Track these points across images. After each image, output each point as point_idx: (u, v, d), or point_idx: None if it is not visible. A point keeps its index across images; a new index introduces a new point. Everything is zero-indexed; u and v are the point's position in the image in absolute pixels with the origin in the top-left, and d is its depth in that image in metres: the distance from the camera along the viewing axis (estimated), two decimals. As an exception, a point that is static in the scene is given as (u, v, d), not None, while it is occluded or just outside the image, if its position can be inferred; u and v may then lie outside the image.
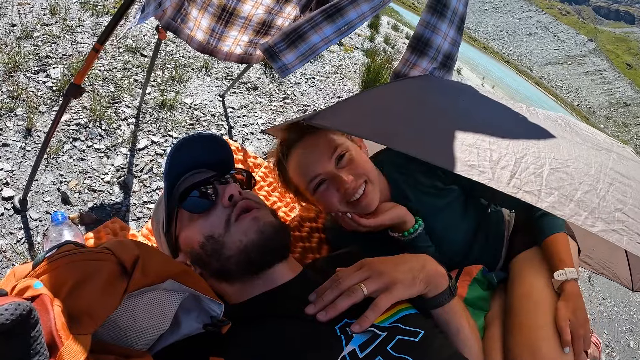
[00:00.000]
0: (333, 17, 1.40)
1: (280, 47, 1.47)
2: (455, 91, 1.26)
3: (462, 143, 0.79)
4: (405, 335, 0.69)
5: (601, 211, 0.73)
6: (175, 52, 3.25)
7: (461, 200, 1.20)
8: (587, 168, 0.84)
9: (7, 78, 2.19)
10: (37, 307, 0.44)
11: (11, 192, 1.69)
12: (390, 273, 0.75)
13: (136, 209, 1.88)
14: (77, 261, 0.55)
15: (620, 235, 0.70)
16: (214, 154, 0.90)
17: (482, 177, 0.72)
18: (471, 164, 0.74)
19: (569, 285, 0.98)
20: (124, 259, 0.57)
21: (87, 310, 0.50)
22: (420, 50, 1.46)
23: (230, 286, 0.80)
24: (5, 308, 0.39)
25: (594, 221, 0.70)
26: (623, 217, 0.74)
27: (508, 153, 0.79)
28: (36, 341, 0.42)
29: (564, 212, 0.69)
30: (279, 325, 0.71)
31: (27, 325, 0.41)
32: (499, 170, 0.74)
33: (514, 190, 0.71)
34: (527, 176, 0.74)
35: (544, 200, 0.71)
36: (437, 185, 1.16)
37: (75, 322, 0.47)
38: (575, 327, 0.91)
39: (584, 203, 0.73)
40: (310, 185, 1.05)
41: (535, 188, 0.72)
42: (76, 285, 0.51)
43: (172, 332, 0.66)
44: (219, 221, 0.78)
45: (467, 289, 1.10)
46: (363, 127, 0.94)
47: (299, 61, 1.47)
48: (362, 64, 5.20)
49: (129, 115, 2.38)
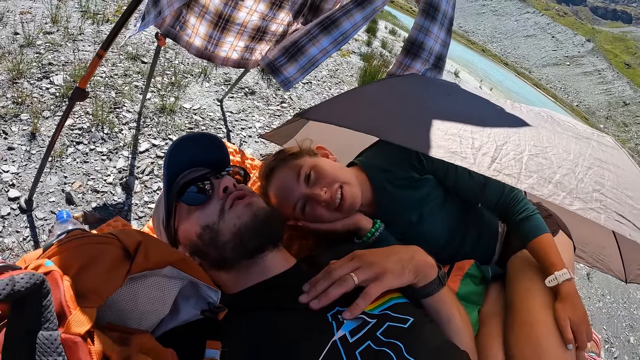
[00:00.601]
0: (329, 29, 1.46)
1: (281, 61, 1.53)
2: (441, 88, 1.32)
3: (445, 133, 0.84)
4: (395, 322, 0.72)
5: (579, 192, 0.78)
6: (175, 58, 3.32)
7: (440, 190, 1.22)
8: (566, 154, 0.89)
9: (12, 84, 2.26)
10: (48, 280, 0.48)
11: (17, 192, 1.76)
12: (380, 263, 0.79)
13: (138, 208, 1.94)
14: (85, 244, 0.60)
15: (597, 213, 0.74)
16: (211, 152, 0.94)
17: (465, 162, 0.77)
18: (454, 151, 0.79)
19: (564, 286, 0.97)
20: (128, 244, 0.62)
21: (93, 288, 0.54)
22: (414, 53, 1.51)
23: (227, 275, 0.83)
24: (21, 277, 0.43)
25: (572, 200, 0.75)
26: (601, 197, 0.79)
27: (489, 141, 0.84)
28: (47, 310, 0.45)
29: (542, 192, 0.74)
30: (273, 314, 0.73)
31: (40, 294, 0.45)
32: (480, 156, 0.79)
33: (494, 173, 0.76)
34: (508, 161, 0.79)
35: (524, 182, 0.76)
36: (413, 176, 1.18)
37: (82, 298, 0.51)
38: (576, 324, 0.91)
39: (562, 184, 0.77)
40: (296, 211, 1.10)
41: (515, 171, 0.77)
42: (84, 266, 0.55)
43: (171, 318, 0.69)
44: (214, 211, 0.81)
45: (459, 283, 1.11)
46: (353, 120, 0.99)
47: (300, 74, 1.54)
48: (359, 68, 5.28)
49: (130, 120, 2.44)
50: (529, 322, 0.96)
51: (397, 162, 1.18)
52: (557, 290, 0.98)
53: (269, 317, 0.73)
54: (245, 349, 0.68)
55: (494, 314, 1.07)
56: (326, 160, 1.16)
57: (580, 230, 1.53)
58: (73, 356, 0.45)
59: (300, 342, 0.67)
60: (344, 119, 0.98)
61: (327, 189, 1.06)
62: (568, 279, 0.97)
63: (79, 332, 0.46)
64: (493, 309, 1.09)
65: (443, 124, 0.87)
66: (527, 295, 1.02)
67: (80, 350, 0.45)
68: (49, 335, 0.44)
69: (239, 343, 0.68)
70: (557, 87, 77.22)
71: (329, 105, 1.06)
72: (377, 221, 1.13)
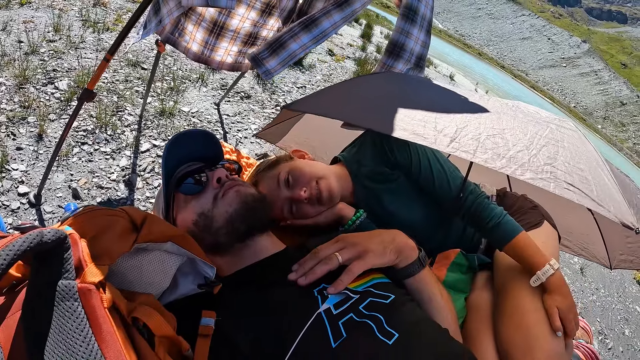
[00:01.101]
0: (309, 27, 1.58)
1: (264, 54, 1.65)
2: (413, 82, 1.41)
3: (412, 119, 0.92)
4: (377, 297, 0.77)
5: (531, 165, 0.84)
6: (173, 64, 3.44)
7: (414, 183, 1.25)
8: (522, 135, 0.95)
9: (18, 89, 2.38)
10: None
11: (26, 188, 1.87)
12: (363, 243, 0.84)
13: (140, 203, 2.05)
14: (98, 216, 0.68)
15: (547, 182, 0.80)
16: (206, 148, 1.02)
17: (426, 141, 0.84)
18: (417, 133, 0.86)
19: (550, 280, 0.97)
20: (135, 218, 0.70)
21: (106, 250, 0.61)
22: (396, 54, 1.62)
23: (221, 258, 0.87)
24: (48, 231, 0.51)
25: (524, 172, 0.81)
26: (552, 169, 0.85)
27: (451, 124, 0.91)
28: (67, 262, 0.52)
29: (495, 165, 0.81)
30: (263, 289, 0.79)
31: (62, 247, 0.52)
32: (441, 137, 0.86)
33: (452, 150, 0.83)
34: (466, 141, 0.86)
35: (478, 157, 0.82)
36: (385, 171, 1.23)
37: (96, 259, 0.57)
38: (564, 313, 0.92)
39: (515, 159, 0.84)
40: (285, 214, 1.17)
41: (471, 149, 0.84)
42: (97, 233, 0.64)
43: (171, 292, 0.75)
44: (208, 199, 0.88)
45: (446, 272, 1.13)
46: (332, 109, 1.08)
47: (280, 66, 1.65)
48: (353, 73, 5.38)
49: (131, 122, 2.56)
50: (519, 311, 0.96)
51: (372, 157, 1.24)
52: (544, 285, 0.98)
53: (260, 292, 0.79)
54: (237, 319, 0.74)
55: (482, 301, 1.08)
56: (302, 161, 1.23)
57: (565, 219, 1.59)
58: (87, 302, 0.51)
59: (288, 313, 0.73)
60: (324, 109, 1.08)
61: (305, 187, 1.13)
62: (552, 274, 0.97)
63: (93, 281, 0.53)
64: (481, 297, 1.10)
65: (411, 111, 0.95)
66: (515, 283, 1.02)
67: (94, 297, 0.52)
68: (68, 284, 0.50)
69: (232, 314, 0.74)
70: (554, 88, 77.26)
71: (313, 97, 1.16)
72: (360, 210, 1.19)
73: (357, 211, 1.18)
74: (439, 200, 1.22)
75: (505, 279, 1.07)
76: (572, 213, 1.69)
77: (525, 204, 1.40)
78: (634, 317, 4.22)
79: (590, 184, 0.89)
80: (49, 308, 0.49)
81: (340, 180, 1.22)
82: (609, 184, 0.96)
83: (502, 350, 0.94)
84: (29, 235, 0.49)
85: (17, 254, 0.47)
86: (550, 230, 1.30)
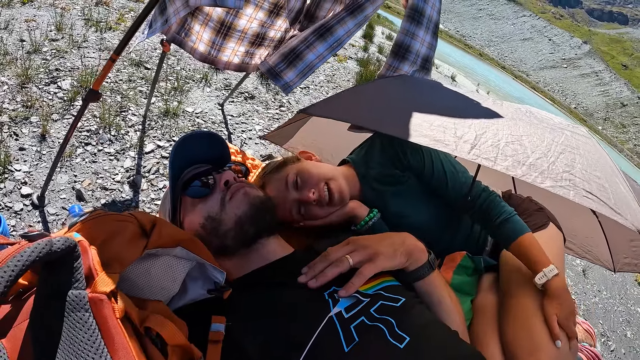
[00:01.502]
0: (324, 36, 1.57)
1: (281, 67, 1.63)
2: (427, 86, 1.40)
3: (431, 124, 0.92)
4: (387, 301, 0.76)
5: (550, 172, 0.85)
6: (177, 64, 3.42)
7: (424, 186, 1.25)
8: (539, 142, 0.96)
9: (21, 89, 2.36)
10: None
11: (29, 190, 1.85)
12: (373, 246, 0.84)
13: (145, 205, 2.04)
14: (107, 221, 0.67)
15: (567, 190, 0.81)
16: (213, 149, 1.01)
17: (447, 148, 0.85)
18: (437, 139, 0.87)
19: (551, 283, 0.97)
20: (144, 222, 0.69)
21: (116, 257, 0.60)
22: (402, 56, 1.61)
23: (229, 261, 0.87)
24: (58, 239, 0.48)
25: (544, 179, 0.82)
26: (570, 177, 0.86)
27: (470, 130, 0.91)
28: (77, 271, 0.50)
29: (516, 172, 0.81)
30: (273, 292, 0.79)
31: (72, 256, 0.50)
32: (461, 143, 0.87)
33: (473, 157, 0.83)
34: (486, 147, 0.87)
35: (499, 164, 0.83)
36: (396, 173, 1.22)
37: (106, 266, 0.55)
38: (563, 319, 0.93)
39: (535, 166, 0.85)
40: (295, 217, 1.16)
41: (492, 155, 0.85)
42: (107, 239, 0.62)
43: (180, 297, 0.73)
44: (215, 202, 0.87)
45: (452, 274, 1.13)
46: (349, 114, 1.07)
47: (299, 78, 1.64)
48: (355, 73, 5.36)
49: (135, 123, 2.54)
50: (525, 312, 0.98)
51: (381, 160, 1.23)
52: (545, 288, 0.98)
53: (270, 295, 0.78)
54: (248, 324, 0.72)
55: (488, 303, 1.09)
56: (309, 163, 1.22)
57: (570, 221, 1.59)
58: (99, 312, 0.49)
59: (298, 317, 0.72)
60: (341, 114, 1.07)
61: (314, 189, 1.12)
62: (556, 274, 0.98)
63: (104, 290, 0.51)
64: (487, 299, 1.11)
65: (428, 117, 0.95)
66: (521, 285, 1.03)
67: (105, 307, 0.50)
68: (78, 294, 0.48)
69: (241, 318, 0.73)
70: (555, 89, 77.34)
71: (328, 102, 1.15)
72: (374, 210, 1.18)
73: (371, 211, 1.18)
74: (450, 201, 1.22)
75: (511, 281, 1.07)
76: (577, 216, 1.69)
77: (530, 206, 1.40)
78: (636, 319, 4.23)
79: (608, 191, 0.90)
80: (58, 319, 0.48)
81: (348, 182, 1.21)
82: (624, 191, 0.97)
83: (508, 352, 0.95)
84: (38, 244, 0.47)
85: (26, 265, 0.45)
86: (555, 232, 1.30)
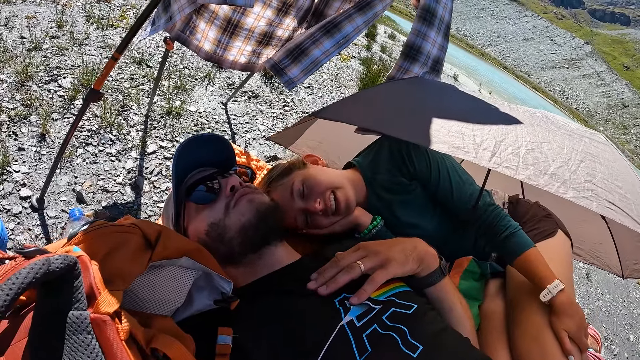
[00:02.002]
0: (331, 32, 1.53)
1: (285, 62, 1.59)
2: (441, 89, 1.37)
3: (449, 130, 0.89)
4: (399, 308, 0.75)
5: (572, 182, 0.83)
6: (179, 63, 3.37)
7: (428, 191, 1.23)
8: (559, 149, 0.94)
9: (20, 87, 2.31)
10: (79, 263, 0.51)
11: (28, 192, 1.80)
12: (385, 252, 0.82)
13: (147, 207, 1.99)
14: (109, 233, 0.64)
15: (589, 200, 0.79)
16: (218, 152, 0.98)
17: (467, 156, 0.82)
18: (457, 146, 0.84)
19: (557, 298, 0.96)
20: (148, 233, 0.66)
21: (119, 273, 0.57)
22: (412, 57, 1.57)
23: (235, 269, 0.85)
24: (56, 258, 0.46)
25: (566, 190, 0.80)
26: (592, 187, 0.84)
27: (489, 137, 0.89)
28: (78, 290, 0.48)
29: (538, 182, 0.79)
30: (282, 301, 0.77)
31: (72, 275, 0.48)
32: (481, 151, 0.84)
33: (494, 165, 0.81)
34: (506, 155, 0.84)
35: (521, 174, 0.80)
36: (402, 181, 1.20)
37: (108, 283, 0.53)
38: (574, 334, 0.92)
39: (557, 176, 0.82)
40: (299, 225, 1.14)
41: (513, 164, 0.82)
42: (109, 253, 0.59)
43: (185, 308, 0.71)
44: (220, 208, 0.85)
45: (459, 279, 1.13)
46: (363, 118, 1.04)
47: (303, 74, 1.60)
48: (359, 72, 5.32)
49: (137, 122, 2.49)
50: (535, 325, 0.97)
51: (388, 166, 1.21)
52: (551, 304, 0.97)
53: (278, 303, 0.76)
54: (256, 333, 0.71)
55: (495, 310, 1.09)
56: (316, 169, 1.19)
57: (578, 227, 1.58)
58: (102, 334, 0.47)
59: (308, 326, 0.70)
60: (355, 118, 1.04)
61: (320, 199, 1.10)
62: (561, 290, 0.96)
63: (107, 311, 0.49)
64: (494, 305, 1.10)
65: (446, 122, 0.92)
66: (530, 296, 1.02)
67: (109, 328, 0.48)
68: (79, 315, 0.46)
69: (249, 328, 0.71)
70: (557, 90, 77.35)
71: (340, 105, 1.12)
72: (377, 217, 1.16)
73: (374, 219, 1.16)
74: (455, 211, 1.20)
75: (519, 293, 1.06)
76: (586, 221, 1.68)
77: (538, 211, 1.37)
78: (639, 323, 4.22)
79: (630, 202, 0.88)
80: (59, 340, 0.45)
81: (355, 188, 1.19)
82: (645, 201, 0.93)
83: None
84: (35, 264, 0.44)
85: (22, 287, 0.42)
86: (563, 240, 1.29)
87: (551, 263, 1.06)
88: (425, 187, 1.21)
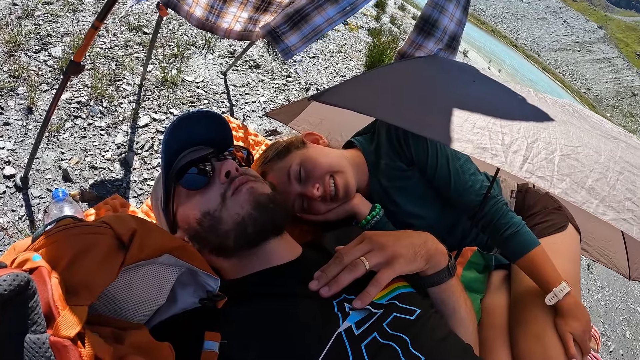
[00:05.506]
0: None
1: (283, 29, 1.45)
2: (462, 72, 1.24)
3: (473, 125, 0.78)
4: (402, 313, 0.70)
5: (611, 200, 0.73)
6: (178, 29, 3.21)
7: (427, 179, 1.19)
8: (597, 156, 0.84)
9: (9, 57, 2.17)
10: (35, 279, 0.45)
11: (13, 170, 1.70)
12: (392, 247, 0.76)
13: (136, 185, 1.89)
14: (75, 235, 0.56)
15: (630, 224, 0.70)
16: (213, 131, 0.89)
17: (495, 160, 0.72)
18: (484, 147, 0.74)
19: (563, 301, 0.94)
20: (121, 233, 0.58)
21: (85, 283, 0.51)
22: (427, 31, 1.44)
23: (227, 261, 0.80)
24: (4, 279, 0.40)
25: (605, 209, 0.71)
26: (633, 207, 0.74)
27: (520, 137, 0.79)
28: (34, 311, 0.42)
29: (576, 198, 0.70)
30: (275, 303, 0.71)
31: (25, 295, 0.42)
32: (511, 154, 0.74)
33: (526, 174, 0.71)
34: (539, 161, 0.75)
35: (557, 187, 0.71)
36: (401, 166, 1.15)
37: (72, 295, 0.48)
38: (579, 337, 0.91)
39: (595, 191, 0.73)
40: (296, 210, 1.09)
41: (548, 174, 0.73)
42: (74, 259, 0.52)
43: (168, 307, 0.66)
44: (215, 197, 0.77)
45: (462, 270, 1.09)
46: (371, 106, 0.93)
47: (302, 43, 1.46)
48: (366, 44, 5.10)
49: (130, 93, 2.36)
50: (538, 324, 0.94)
51: (388, 149, 1.15)
52: (557, 307, 0.95)
53: (271, 307, 0.70)
54: (244, 342, 0.65)
55: (497, 305, 1.06)
56: (315, 150, 1.13)
57: (588, 222, 1.50)
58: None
59: (303, 334, 0.65)
60: (362, 105, 0.92)
61: (318, 184, 1.04)
62: (567, 293, 0.94)
63: (68, 335, 0.43)
64: (497, 300, 1.07)
65: (469, 115, 0.80)
66: (534, 297, 0.99)
67: (71, 354, 0.43)
68: (37, 339, 0.41)
69: (239, 334, 0.65)
70: (566, 72, 76.18)
71: (345, 88, 1.00)
72: (377, 206, 1.10)
73: (373, 208, 1.09)
74: (453, 203, 1.15)
75: (524, 288, 1.03)
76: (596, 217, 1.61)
77: (549, 203, 1.31)
78: (635, 319, 4.19)
79: None
80: None
81: (357, 171, 1.13)
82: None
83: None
84: None
85: None
86: (573, 236, 1.24)
87: (558, 259, 1.02)
88: (423, 173, 1.15)
